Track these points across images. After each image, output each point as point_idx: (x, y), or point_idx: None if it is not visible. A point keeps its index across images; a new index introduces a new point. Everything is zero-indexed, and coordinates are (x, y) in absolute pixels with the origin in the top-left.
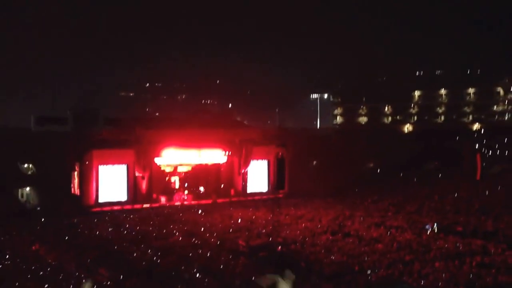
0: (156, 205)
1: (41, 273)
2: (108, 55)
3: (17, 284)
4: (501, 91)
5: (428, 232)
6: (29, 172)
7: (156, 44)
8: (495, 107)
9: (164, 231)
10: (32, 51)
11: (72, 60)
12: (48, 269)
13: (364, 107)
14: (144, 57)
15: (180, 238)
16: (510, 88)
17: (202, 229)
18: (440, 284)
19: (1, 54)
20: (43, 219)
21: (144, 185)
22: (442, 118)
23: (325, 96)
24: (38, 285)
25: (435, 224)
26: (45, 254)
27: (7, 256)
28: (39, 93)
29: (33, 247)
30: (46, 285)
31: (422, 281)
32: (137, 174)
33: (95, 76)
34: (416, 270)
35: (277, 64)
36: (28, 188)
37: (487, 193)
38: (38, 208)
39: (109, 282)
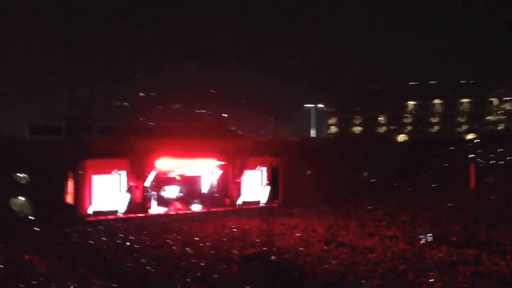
0: (150, 214)
1: (33, 282)
2: (102, 64)
3: None
4: (495, 101)
5: (422, 242)
6: (23, 182)
7: (150, 53)
8: (489, 117)
9: (159, 240)
10: (25, 59)
11: (66, 68)
12: (41, 278)
13: (359, 117)
14: (139, 66)
15: (174, 248)
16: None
17: (196, 238)
18: None
19: None
20: (36, 228)
21: (138, 194)
22: (436, 127)
23: (319, 105)
24: None
25: (429, 234)
26: (37, 263)
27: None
28: (32, 102)
29: (26, 256)
30: None
31: None
32: (131, 183)
33: (88, 85)
34: (410, 280)
35: (271, 74)
36: (21, 197)
37: (481, 202)
38: (32, 217)
39: None
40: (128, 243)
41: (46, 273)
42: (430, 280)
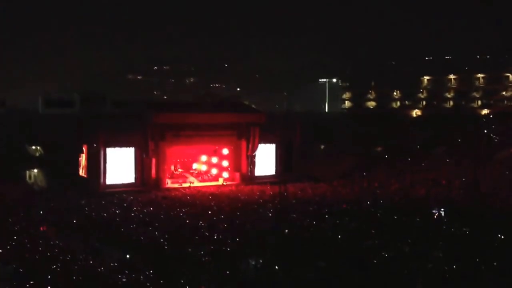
0: (163, 188)
1: (48, 253)
2: (115, 38)
3: (25, 264)
4: (510, 76)
5: (435, 216)
6: (37, 154)
7: (164, 27)
8: (504, 92)
9: (172, 213)
10: (39, 34)
11: (80, 43)
12: (56, 250)
13: (373, 92)
14: (152, 40)
15: (188, 221)
16: None
17: (210, 212)
18: None
19: (10, 36)
20: (50, 201)
21: (151, 168)
22: (451, 103)
23: (334, 80)
24: (46, 265)
25: (442, 208)
26: (52, 235)
27: (15, 237)
28: (46, 76)
29: (41, 228)
30: (54, 266)
31: None
32: (144, 157)
33: (102, 59)
34: None
35: (286, 48)
36: (36, 170)
37: (494, 177)
38: (46, 190)
39: (116, 263)
40: (141, 216)
41: (61, 245)
42: None
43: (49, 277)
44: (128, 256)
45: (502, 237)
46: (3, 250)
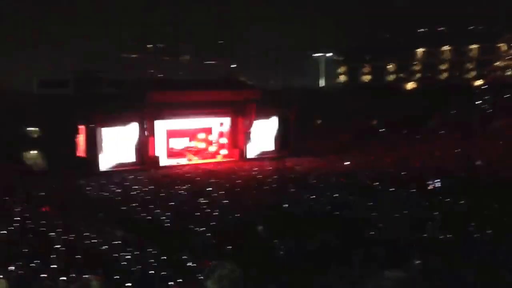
0: (162, 166)
1: (50, 234)
2: (108, 15)
3: (27, 245)
4: (503, 46)
5: (429, 187)
6: (35, 135)
7: (158, 3)
8: (498, 62)
9: (172, 191)
10: (32, 11)
11: (72, 21)
12: (57, 230)
13: (368, 66)
14: (146, 17)
15: (188, 198)
16: None
17: (209, 188)
18: None
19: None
20: (50, 182)
21: (149, 146)
22: (445, 75)
23: (328, 55)
24: (48, 245)
25: (437, 180)
26: (53, 215)
27: (16, 218)
28: (39, 55)
29: (42, 209)
30: (56, 246)
31: None
32: (141, 136)
33: (96, 37)
34: None
35: (280, 23)
36: (34, 151)
37: (487, 148)
38: (45, 171)
39: (118, 241)
40: (141, 195)
41: (62, 225)
42: None
43: (52, 256)
44: (130, 234)
45: (496, 206)
46: (6, 231)
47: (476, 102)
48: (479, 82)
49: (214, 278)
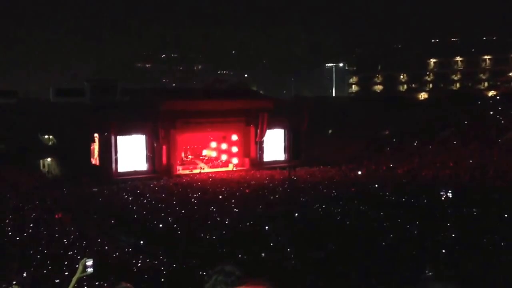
0: (175, 174)
1: (64, 240)
2: (124, 26)
3: (41, 251)
4: None
5: (443, 198)
6: (50, 143)
7: (172, 14)
8: (511, 73)
9: (183, 199)
10: (48, 23)
11: (88, 32)
12: (72, 236)
13: (380, 76)
14: (160, 28)
15: (199, 207)
16: None
17: (220, 197)
18: None
19: (19, 25)
20: (64, 189)
21: (162, 155)
22: (458, 85)
23: (340, 65)
24: (63, 251)
25: (450, 190)
26: (68, 222)
27: (31, 225)
28: (55, 65)
29: (56, 216)
30: (70, 252)
31: None
32: (155, 144)
33: (111, 47)
34: None
35: (293, 33)
36: (49, 159)
37: (501, 158)
38: (60, 178)
39: (130, 248)
40: (153, 202)
41: (76, 232)
42: None
43: (66, 263)
44: (142, 241)
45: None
46: (20, 238)
47: (490, 113)
48: (492, 92)
49: (210, 283)
